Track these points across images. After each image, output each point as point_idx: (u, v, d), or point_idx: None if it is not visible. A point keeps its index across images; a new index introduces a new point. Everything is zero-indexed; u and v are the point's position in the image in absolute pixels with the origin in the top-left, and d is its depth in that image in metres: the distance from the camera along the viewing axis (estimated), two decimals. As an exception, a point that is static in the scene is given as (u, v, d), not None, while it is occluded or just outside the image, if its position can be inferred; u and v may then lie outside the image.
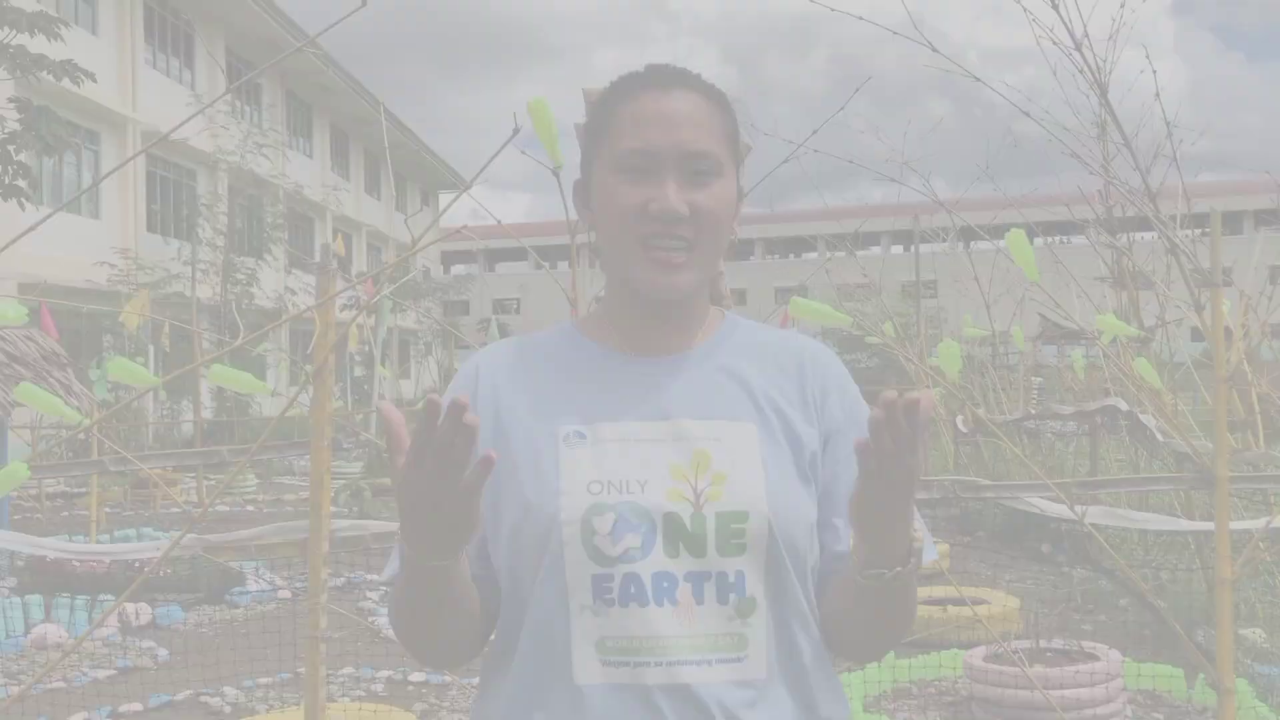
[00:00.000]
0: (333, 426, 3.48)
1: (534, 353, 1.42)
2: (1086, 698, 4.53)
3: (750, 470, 1.29)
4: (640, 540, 1.25)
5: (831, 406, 1.39)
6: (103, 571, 7.89)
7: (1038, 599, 7.18)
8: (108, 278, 20.97)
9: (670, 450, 1.30)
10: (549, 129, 3.29)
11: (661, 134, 1.31)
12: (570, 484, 1.28)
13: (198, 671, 5.75)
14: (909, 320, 14.91)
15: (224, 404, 21.23)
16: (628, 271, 1.34)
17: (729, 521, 1.27)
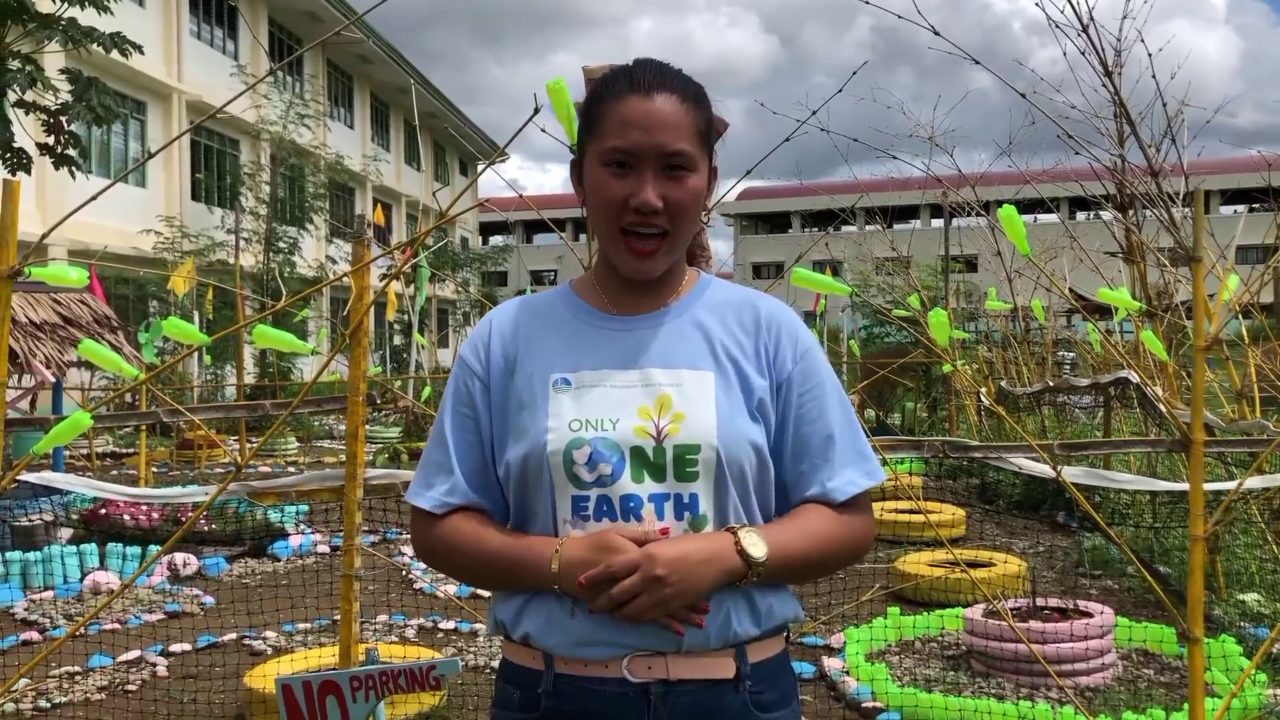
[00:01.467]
0: (367, 384, 3.78)
1: (535, 310, 1.70)
2: (1078, 652, 4.75)
3: (704, 411, 1.55)
4: (611, 469, 1.52)
5: (784, 357, 1.64)
6: (150, 525, 8.30)
7: (1048, 564, 7.39)
8: (153, 245, 21.49)
9: (639, 394, 1.56)
10: (567, 110, 3.55)
11: (642, 135, 1.55)
12: (556, 421, 1.55)
13: (241, 617, 6.11)
14: (939, 294, 15.03)
15: (266, 369, 21.71)
16: (611, 251, 1.61)
17: (684, 453, 1.53)
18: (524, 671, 1.58)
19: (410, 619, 6.13)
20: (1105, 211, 6.62)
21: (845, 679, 4.84)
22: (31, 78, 13.33)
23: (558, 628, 1.53)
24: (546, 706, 1.54)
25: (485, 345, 1.66)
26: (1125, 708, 4.33)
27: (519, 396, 1.60)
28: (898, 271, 15.65)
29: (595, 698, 1.52)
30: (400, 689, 2.96)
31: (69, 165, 14.31)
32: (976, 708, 4.30)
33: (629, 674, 1.50)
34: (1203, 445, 3.76)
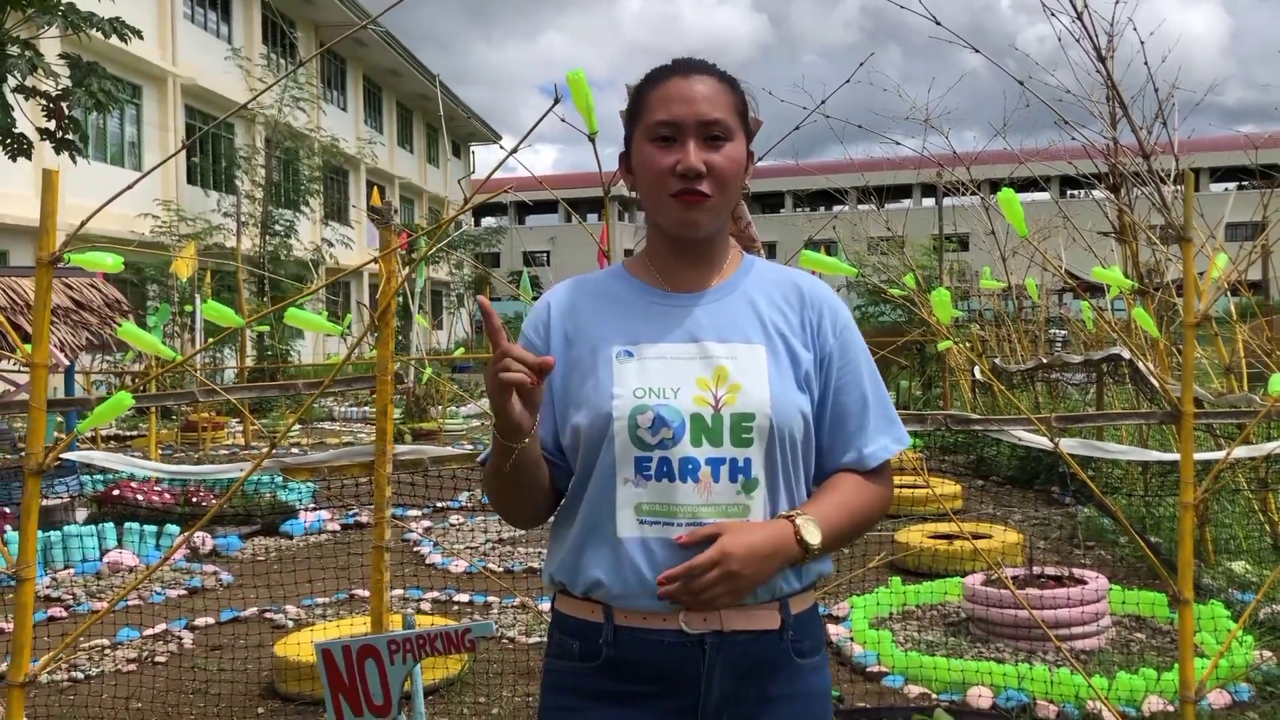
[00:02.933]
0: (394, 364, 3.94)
1: (592, 289, 1.83)
2: (1073, 617, 4.95)
3: (758, 382, 1.69)
4: (673, 433, 1.66)
5: (825, 332, 1.78)
6: (163, 505, 8.47)
7: (1043, 535, 7.60)
8: (150, 229, 21.55)
9: (697, 366, 1.70)
10: (586, 99, 3.70)
11: (683, 108, 1.68)
12: (621, 390, 1.67)
13: (260, 592, 6.29)
14: (933, 273, 15.19)
15: (264, 352, 21.83)
16: (661, 217, 1.75)
17: (740, 420, 1.67)
18: (583, 624, 1.70)
19: (425, 593, 6.30)
20: (1097, 191, 6.79)
21: (850, 645, 5.03)
22: (32, 64, 13.39)
23: (617, 576, 1.66)
24: (607, 655, 1.67)
25: (545, 323, 1.78)
26: (1119, 668, 4.53)
27: (581, 367, 1.73)
28: (892, 251, 15.81)
29: (654, 648, 1.65)
30: (437, 651, 3.13)
31: (69, 150, 14.39)
32: (977, 669, 4.50)
33: (686, 625, 1.64)
34: (1192, 417, 3.95)
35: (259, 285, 21.72)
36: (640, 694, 1.67)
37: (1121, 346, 6.85)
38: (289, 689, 4.56)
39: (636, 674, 1.67)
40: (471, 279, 36.64)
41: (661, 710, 1.67)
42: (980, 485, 9.83)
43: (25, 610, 4.02)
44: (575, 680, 1.72)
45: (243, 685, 4.79)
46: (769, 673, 1.68)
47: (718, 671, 1.66)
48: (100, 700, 4.67)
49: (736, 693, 1.67)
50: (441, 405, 16.31)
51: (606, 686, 1.69)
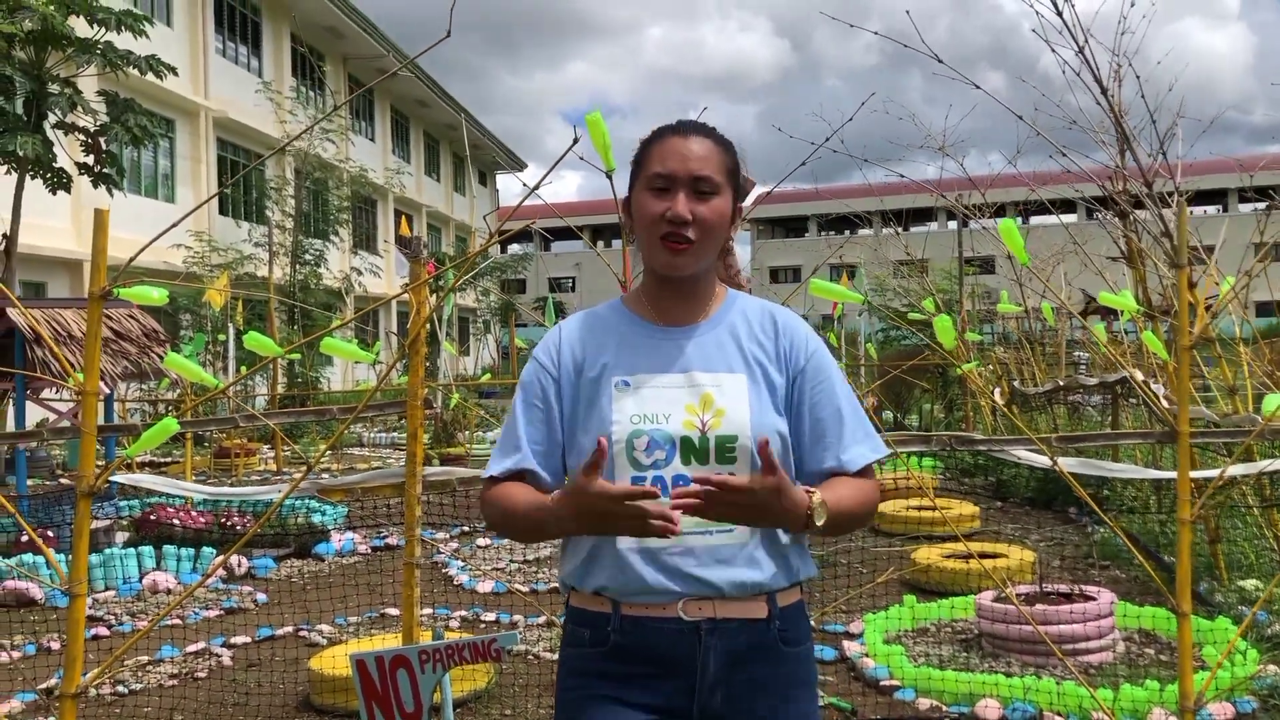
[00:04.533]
0: (425, 390, 4.15)
1: (597, 323, 2.04)
2: (1081, 632, 5.08)
3: (740, 408, 1.90)
4: (665, 454, 1.87)
5: (797, 356, 1.99)
6: (199, 528, 8.72)
7: (1059, 555, 7.71)
8: (184, 260, 21.99)
9: (686, 394, 1.91)
10: (603, 138, 3.93)
11: (677, 163, 1.91)
12: (619, 416, 1.89)
13: (294, 612, 6.51)
14: (953, 297, 15.32)
15: (294, 379, 22.18)
16: (652, 259, 1.97)
17: (724, 442, 1.88)
18: (593, 615, 1.91)
19: (454, 611, 6.50)
20: (1106, 216, 6.94)
21: (864, 660, 5.18)
22: (72, 101, 13.82)
23: (623, 577, 1.87)
24: (615, 641, 1.88)
25: (557, 350, 2.00)
26: (1125, 681, 4.66)
27: (587, 394, 1.95)
28: (913, 275, 15.96)
29: (656, 633, 1.86)
30: (465, 660, 3.33)
31: (107, 184, 14.80)
32: (985, 682, 4.64)
33: (683, 614, 1.85)
34: (1188, 435, 4.11)
35: (289, 314, 22.09)
36: (644, 675, 1.87)
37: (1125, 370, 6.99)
38: (324, 701, 4.76)
39: (640, 657, 1.87)
40: (498, 306, 37.02)
41: (662, 690, 1.87)
42: (999, 506, 9.94)
43: (77, 626, 4.25)
44: (586, 664, 1.91)
45: (280, 698, 5.00)
46: (757, 658, 1.88)
47: (712, 655, 1.85)
48: (144, 713, 4.88)
49: (728, 675, 1.86)
50: (469, 430, 16.55)
51: (614, 669, 1.88)
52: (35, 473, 12.48)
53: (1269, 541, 5.97)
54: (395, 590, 6.78)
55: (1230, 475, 4.51)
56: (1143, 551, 6.66)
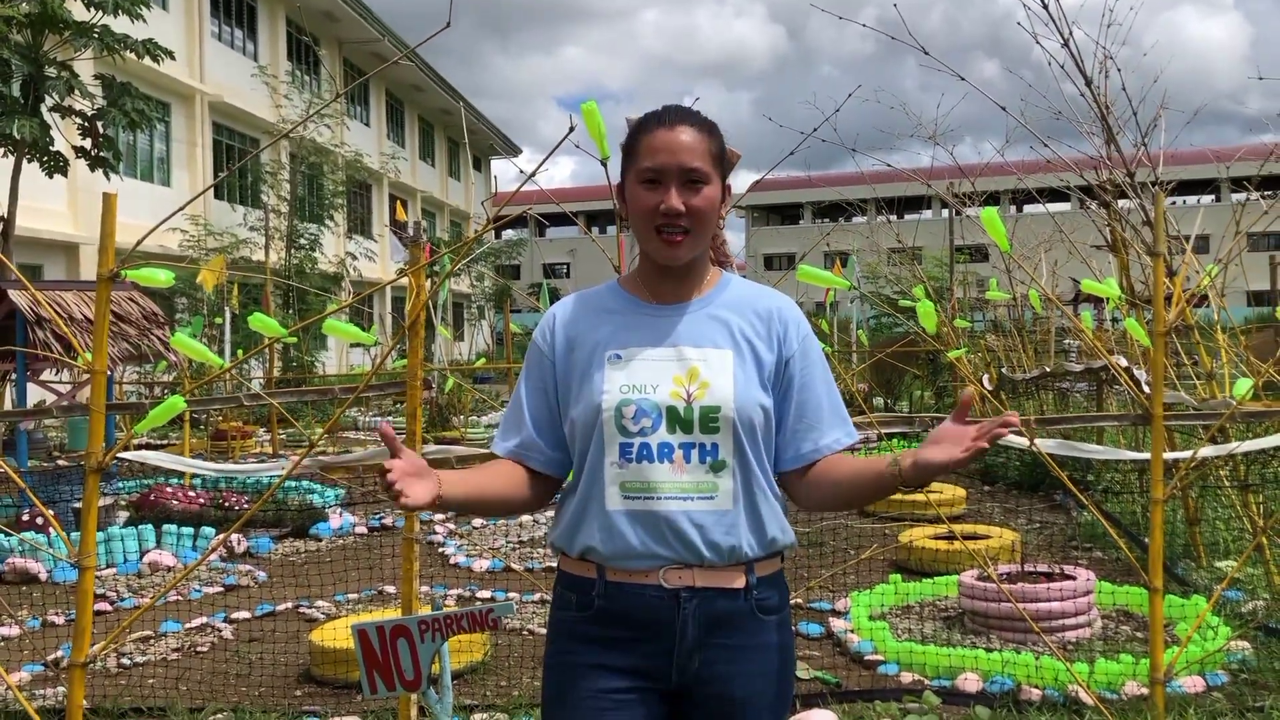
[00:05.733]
0: (424, 372, 4.28)
1: (591, 302, 2.15)
2: (1061, 610, 5.23)
3: (724, 381, 2.02)
4: (651, 422, 1.98)
5: (790, 340, 2.11)
6: (197, 508, 8.84)
7: (1043, 538, 7.86)
8: (179, 243, 22.06)
9: (674, 366, 2.01)
10: (598, 128, 4.05)
11: (668, 157, 2.00)
12: (610, 386, 2.00)
13: (293, 589, 6.64)
14: (944, 284, 15.46)
15: (289, 363, 22.26)
16: (648, 248, 2.09)
17: (708, 413, 1.99)
18: (580, 580, 2.02)
19: (450, 589, 6.64)
20: (1091, 205, 7.08)
21: (850, 636, 5.33)
22: (69, 85, 13.88)
23: (609, 540, 1.98)
24: (599, 606, 1.98)
25: (551, 331, 2.12)
26: (1101, 657, 4.81)
27: (580, 368, 2.05)
28: (905, 263, 16.10)
29: (638, 599, 1.97)
30: (463, 629, 3.45)
31: (104, 167, 14.88)
32: (966, 656, 4.79)
33: (664, 582, 1.97)
34: (1163, 418, 4.26)
35: (284, 298, 22.17)
36: (626, 639, 1.98)
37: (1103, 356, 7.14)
38: (325, 673, 4.90)
39: (623, 621, 1.98)
40: (493, 291, 37.10)
41: (643, 653, 1.99)
42: (987, 490, 10.11)
43: (86, 596, 4.39)
44: (572, 627, 2.03)
45: (282, 670, 5.14)
46: (734, 624, 2.00)
47: (690, 621, 1.97)
48: (149, 684, 5.02)
49: (705, 640, 1.98)
50: (464, 414, 16.67)
51: (598, 632, 2.00)
52: (33, 454, 12.58)
53: (1245, 524, 6.13)
54: (392, 569, 6.92)
55: (1203, 456, 4.66)
56: (1122, 533, 6.82)
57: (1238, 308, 16.59)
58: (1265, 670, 4.66)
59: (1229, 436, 5.24)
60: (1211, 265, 6.16)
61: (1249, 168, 6.95)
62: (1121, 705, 4.26)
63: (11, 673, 5.16)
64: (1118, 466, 8.41)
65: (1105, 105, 6.33)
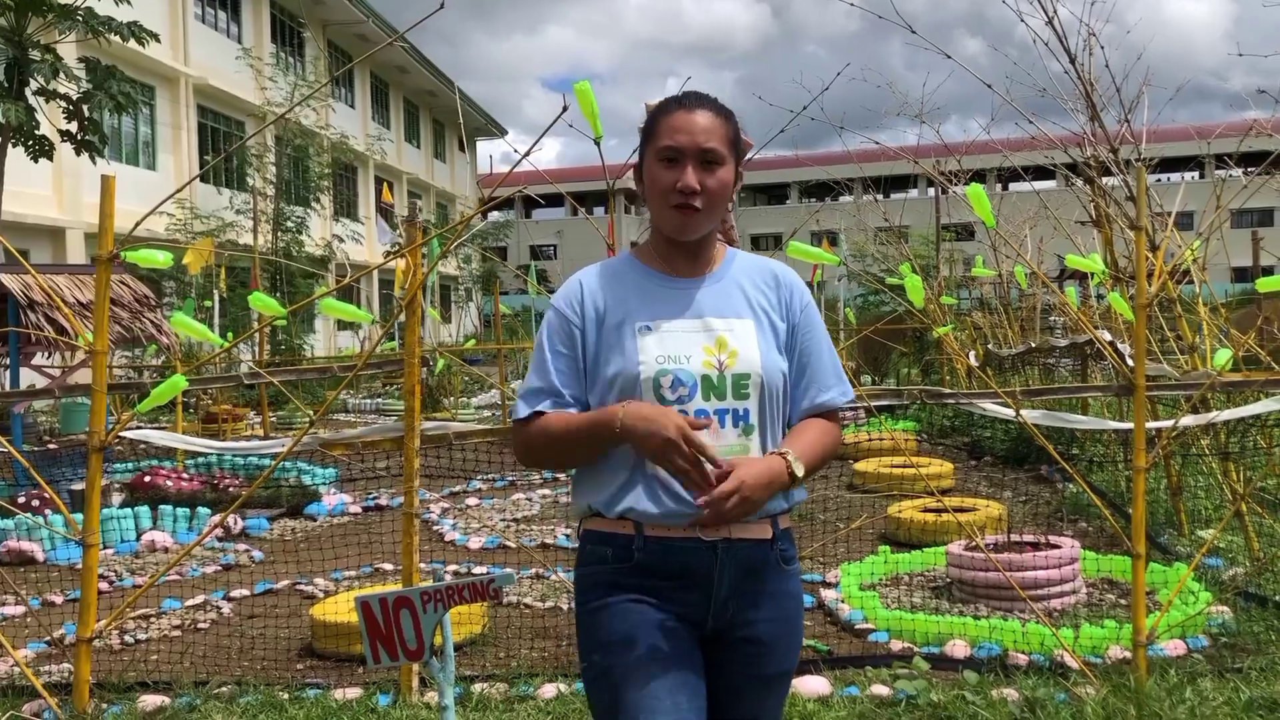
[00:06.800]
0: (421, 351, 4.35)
1: (614, 274, 2.24)
2: (1047, 578, 5.35)
3: (750, 348, 2.14)
4: (687, 390, 2.09)
5: (795, 308, 2.25)
6: (191, 490, 8.90)
7: (1030, 511, 7.99)
8: (165, 227, 22.00)
9: (703, 337, 2.13)
10: (592, 107, 4.11)
11: (686, 137, 2.12)
12: (646, 357, 2.10)
13: (290, 567, 6.71)
14: (930, 262, 15.57)
15: (277, 346, 22.27)
16: (663, 223, 2.18)
17: (739, 379, 2.11)
18: (617, 536, 2.11)
19: (446, 566, 6.72)
20: (1076, 182, 7.17)
21: (841, 606, 5.44)
22: (55, 68, 13.83)
23: (654, 504, 2.08)
24: (639, 559, 2.09)
25: (579, 300, 2.19)
26: (1085, 622, 4.93)
27: (609, 338, 2.14)
28: (892, 241, 16.20)
29: (678, 552, 2.08)
30: (465, 599, 3.53)
31: (90, 151, 14.84)
32: (954, 624, 4.91)
33: (702, 534, 2.08)
34: (1145, 389, 4.36)
35: (272, 281, 22.15)
36: (665, 588, 2.10)
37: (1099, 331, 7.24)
38: (325, 647, 4.99)
39: (662, 572, 2.09)
40: (480, 273, 37.10)
41: (682, 601, 2.11)
42: (974, 465, 10.23)
43: (91, 573, 4.46)
44: (608, 577, 2.12)
45: (284, 644, 5.22)
46: (762, 572, 2.15)
47: (727, 571, 2.10)
48: (152, 660, 5.10)
49: (738, 587, 2.12)
50: (454, 396, 16.73)
51: (638, 582, 2.10)
52: (24, 438, 12.61)
53: (1225, 492, 6.25)
54: (387, 547, 6.99)
55: (1184, 425, 4.76)
56: (1106, 503, 6.94)
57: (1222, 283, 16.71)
58: (1244, 633, 4.79)
59: (1210, 406, 5.35)
60: (1195, 240, 6.27)
61: (1231, 144, 7.05)
62: (1105, 668, 4.38)
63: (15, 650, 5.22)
64: (1102, 439, 8.54)
65: (1089, 83, 6.42)
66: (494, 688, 4.42)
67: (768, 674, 2.18)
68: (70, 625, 5.55)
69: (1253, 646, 4.65)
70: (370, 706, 4.27)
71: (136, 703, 4.40)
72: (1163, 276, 4.46)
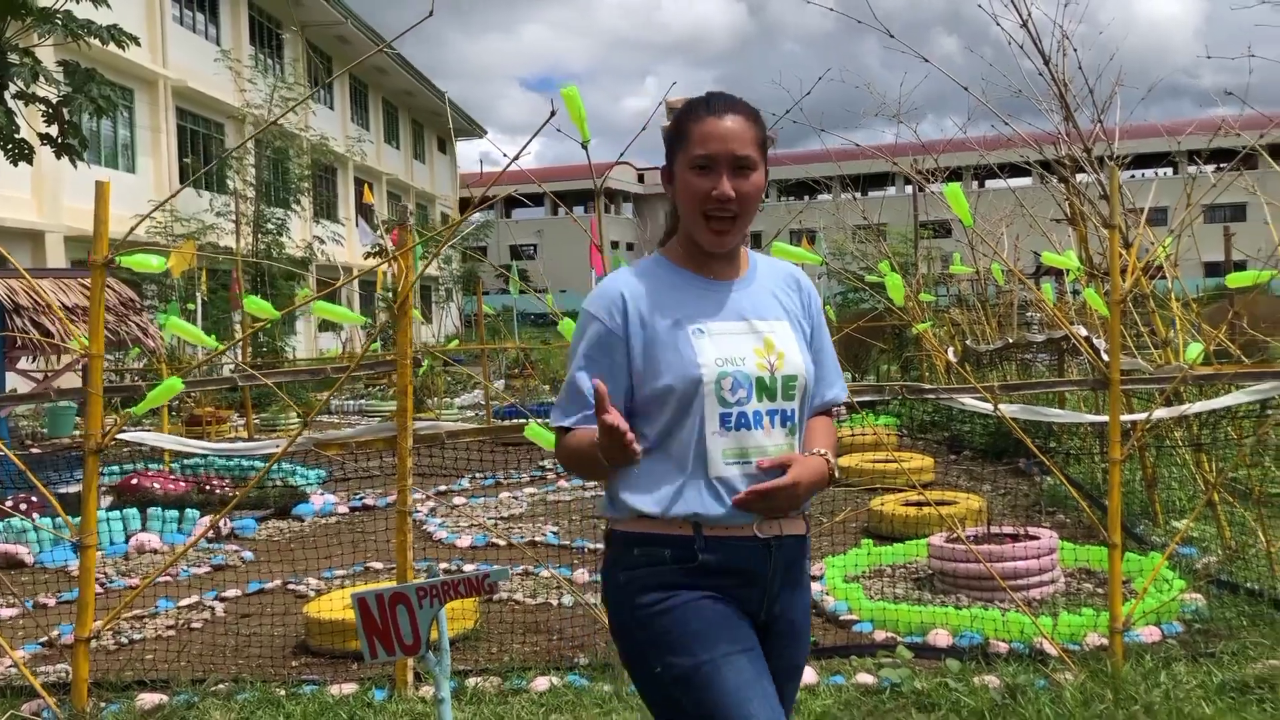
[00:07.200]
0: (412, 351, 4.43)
1: (652, 278, 2.23)
2: (1026, 568, 5.47)
3: (794, 349, 2.22)
4: (745, 393, 2.13)
5: (812, 309, 2.36)
6: (179, 493, 8.94)
7: (1009, 504, 8.13)
8: (146, 230, 21.92)
9: (751, 339, 2.18)
10: (579, 111, 4.20)
11: (719, 145, 2.14)
12: (705, 359, 2.13)
13: (281, 567, 6.78)
14: (909, 260, 15.71)
15: (258, 349, 22.24)
16: (696, 233, 2.20)
17: (788, 381, 2.18)
18: (674, 538, 2.13)
19: (439, 563, 6.79)
20: (1051, 180, 7.30)
21: (826, 598, 5.55)
22: (34, 72, 13.79)
23: (715, 506, 2.12)
24: (702, 560, 2.12)
25: (621, 308, 2.18)
26: (1063, 610, 5.06)
27: (663, 342, 2.14)
28: (871, 239, 16.35)
29: (737, 551, 2.14)
30: (460, 594, 3.62)
31: (70, 155, 14.79)
32: (936, 614, 5.02)
33: (759, 532, 2.16)
34: (1119, 382, 4.49)
35: (253, 283, 22.13)
36: (727, 585, 2.15)
37: (1075, 326, 7.38)
38: (319, 644, 5.06)
39: (725, 571, 2.14)
40: (460, 273, 37.09)
41: (742, 597, 2.17)
42: (954, 459, 10.38)
43: (88, 574, 4.53)
44: (669, 578, 2.14)
45: (278, 642, 5.29)
46: (799, 564, 2.26)
47: (779, 566, 2.19)
48: (147, 659, 5.16)
49: (784, 579, 2.21)
50: (437, 397, 16.78)
51: (698, 581, 2.13)
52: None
53: (1199, 483, 6.40)
54: (377, 546, 7.06)
55: (1157, 417, 4.90)
56: (1084, 495, 7.08)
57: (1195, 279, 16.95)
58: (1217, 619, 4.92)
59: (1183, 399, 5.49)
60: (1167, 237, 6.41)
61: (1201, 141, 7.20)
62: (1083, 655, 4.50)
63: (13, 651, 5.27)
64: (1078, 432, 8.68)
65: (1063, 83, 6.55)
66: (488, 681, 4.51)
67: (798, 662, 2.30)
68: (64, 627, 5.61)
69: (1225, 632, 4.79)
70: (366, 701, 4.35)
71: (135, 701, 4.47)
72: (1136, 273, 4.58)
